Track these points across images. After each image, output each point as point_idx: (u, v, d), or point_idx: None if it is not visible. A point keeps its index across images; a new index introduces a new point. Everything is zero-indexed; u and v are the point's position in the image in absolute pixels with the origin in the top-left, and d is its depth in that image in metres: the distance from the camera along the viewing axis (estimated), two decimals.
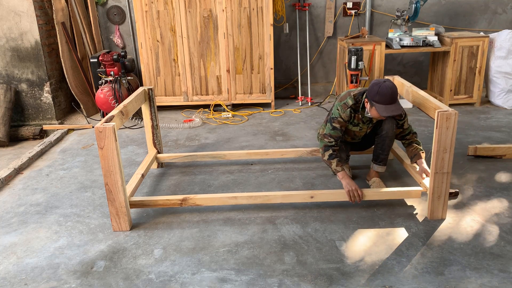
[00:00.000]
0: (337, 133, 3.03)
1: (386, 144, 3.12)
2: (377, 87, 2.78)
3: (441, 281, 2.24)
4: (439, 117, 2.57)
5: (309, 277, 2.31)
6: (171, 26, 5.11)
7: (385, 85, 2.77)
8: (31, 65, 5.01)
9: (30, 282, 2.36)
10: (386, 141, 3.11)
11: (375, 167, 3.23)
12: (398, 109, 2.80)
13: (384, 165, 3.22)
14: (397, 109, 2.80)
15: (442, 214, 2.80)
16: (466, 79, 5.13)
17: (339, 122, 3.02)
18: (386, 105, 2.78)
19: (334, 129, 3.03)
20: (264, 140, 4.36)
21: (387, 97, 2.76)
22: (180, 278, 2.34)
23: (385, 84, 2.78)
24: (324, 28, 5.80)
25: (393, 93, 2.78)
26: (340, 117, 3.01)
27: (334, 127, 3.03)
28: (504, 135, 4.23)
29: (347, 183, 2.89)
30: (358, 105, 3.00)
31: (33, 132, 5.00)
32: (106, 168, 2.65)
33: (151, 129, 3.68)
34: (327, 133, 3.04)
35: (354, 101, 2.98)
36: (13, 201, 3.30)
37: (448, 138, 2.61)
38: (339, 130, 3.03)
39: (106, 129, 2.57)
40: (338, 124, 3.02)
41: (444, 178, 2.71)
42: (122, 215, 2.77)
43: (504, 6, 5.73)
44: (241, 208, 3.03)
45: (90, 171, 3.80)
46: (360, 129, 3.14)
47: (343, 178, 2.93)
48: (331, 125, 3.04)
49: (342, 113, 3.00)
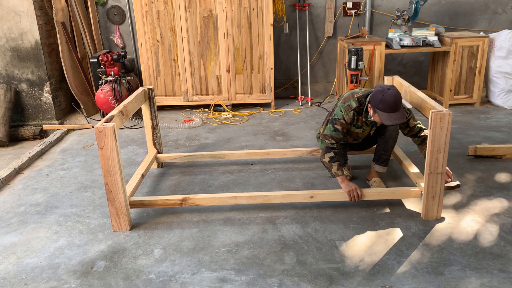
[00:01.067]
0: (339, 135, 3.01)
1: (389, 145, 3.12)
2: (381, 95, 2.75)
3: (441, 281, 2.24)
4: (433, 117, 2.57)
5: (309, 277, 2.31)
6: (171, 26, 5.11)
7: (389, 93, 2.74)
8: (31, 65, 5.01)
9: (30, 282, 2.36)
10: (389, 142, 3.10)
11: (376, 167, 3.23)
12: (402, 117, 2.77)
13: (385, 165, 3.22)
14: (401, 117, 2.77)
15: (437, 214, 2.80)
16: (466, 79, 5.13)
17: (342, 124, 2.99)
18: (389, 113, 2.76)
19: (336, 130, 3.01)
20: (264, 140, 4.36)
21: (391, 105, 2.73)
22: (180, 278, 2.34)
23: (389, 92, 2.74)
24: (324, 28, 5.80)
25: (396, 101, 2.74)
26: (343, 118, 2.98)
27: (336, 128, 3.01)
28: (504, 135, 4.23)
29: (346, 184, 2.90)
30: (361, 107, 2.97)
31: (33, 132, 5.00)
32: (106, 168, 2.65)
33: (151, 129, 3.68)
34: (328, 134, 3.03)
35: (358, 104, 2.95)
36: (13, 201, 3.30)
37: (442, 138, 2.61)
38: (341, 132, 3.01)
39: (106, 129, 2.57)
40: (340, 126, 3.00)
41: (438, 178, 2.71)
42: (122, 215, 2.77)
43: (504, 6, 5.73)
44: (241, 208, 3.03)
45: (90, 171, 3.80)
46: (363, 131, 3.12)
47: (343, 181, 2.93)
48: (333, 126, 3.01)
49: (345, 115, 2.97)
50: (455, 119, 4.74)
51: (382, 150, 3.17)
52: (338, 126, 3.00)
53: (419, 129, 3.08)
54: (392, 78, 3.48)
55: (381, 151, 3.17)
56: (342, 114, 2.98)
